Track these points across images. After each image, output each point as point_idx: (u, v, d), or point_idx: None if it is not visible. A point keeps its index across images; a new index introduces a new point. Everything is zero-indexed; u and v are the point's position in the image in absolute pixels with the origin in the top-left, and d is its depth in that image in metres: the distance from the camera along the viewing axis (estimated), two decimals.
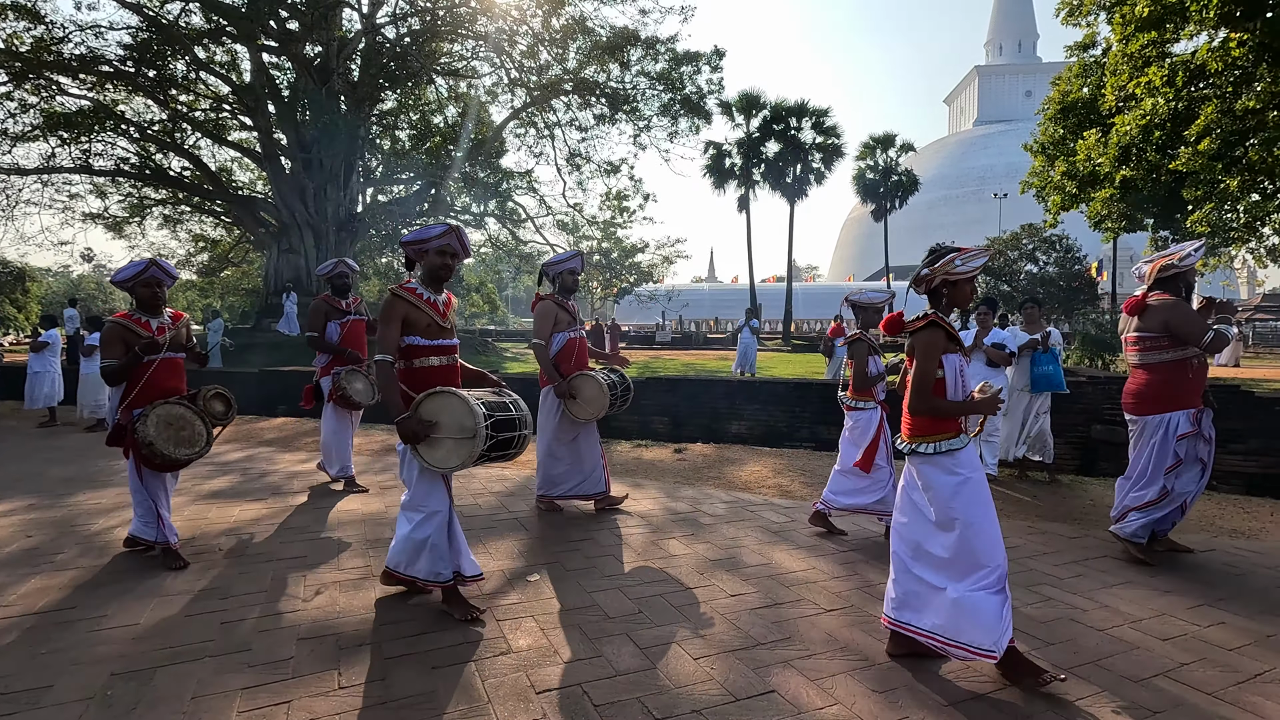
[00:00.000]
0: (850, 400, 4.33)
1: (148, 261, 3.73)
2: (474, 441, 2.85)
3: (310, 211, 19.91)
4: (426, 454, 2.95)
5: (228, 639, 2.81)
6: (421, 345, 3.10)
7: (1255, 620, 3.06)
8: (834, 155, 33.46)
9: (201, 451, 3.72)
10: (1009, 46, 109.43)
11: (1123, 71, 14.29)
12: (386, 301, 3.06)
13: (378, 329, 3.06)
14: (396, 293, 3.07)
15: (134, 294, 3.76)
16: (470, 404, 2.87)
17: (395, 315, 3.05)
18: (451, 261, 3.15)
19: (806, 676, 2.52)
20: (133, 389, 3.64)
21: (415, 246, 3.12)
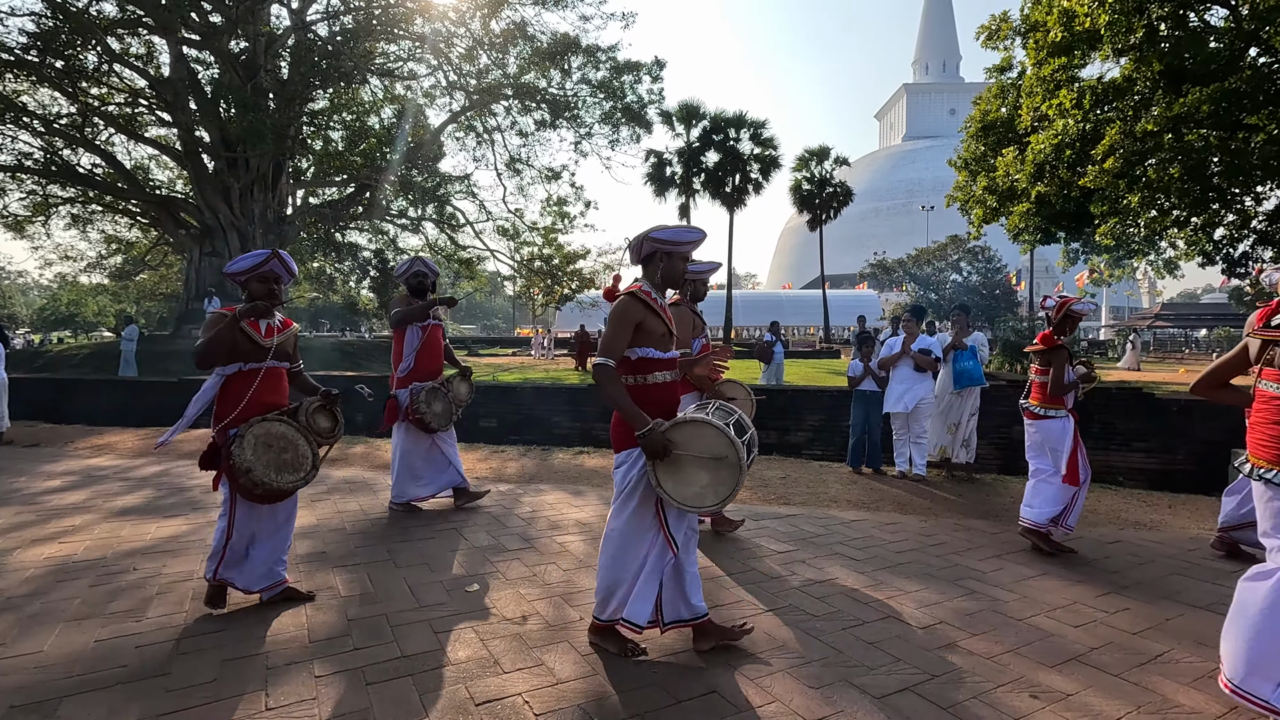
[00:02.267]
0: (1037, 408, 4.24)
1: (269, 252, 3.20)
2: (736, 475, 2.51)
3: (235, 213, 19.05)
4: (676, 492, 2.55)
5: (143, 664, 2.65)
6: (655, 359, 2.72)
7: (1156, 605, 3.29)
8: (771, 166, 34.30)
9: (307, 477, 3.16)
10: (934, 66, 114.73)
11: (1037, 93, 15.21)
12: (623, 304, 2.68)
13: (604, 332, 2.70)
14: (636, 295, 2.70)
15: (247, 289, 3.23)
16: (727, 433, 2.51)
17: (630, 320, 2.66)
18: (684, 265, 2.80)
19: (746, 676, 2.57)
20: (231, 404, 3.12)
21: (668, 246, 2.74)
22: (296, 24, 18.98)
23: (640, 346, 2.70)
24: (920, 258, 30.54)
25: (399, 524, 4.63)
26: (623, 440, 2.72)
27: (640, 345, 2.70)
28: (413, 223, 24.65)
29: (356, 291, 32.58)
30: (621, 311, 2.67)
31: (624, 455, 2.73)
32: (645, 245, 2.77)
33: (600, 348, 2.68)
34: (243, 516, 3.17)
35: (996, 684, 2.52)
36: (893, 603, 3.30)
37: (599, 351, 2.67)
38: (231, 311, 3.11)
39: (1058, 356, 4.15)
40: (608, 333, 2.68)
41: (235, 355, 3.12)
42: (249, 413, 3.12)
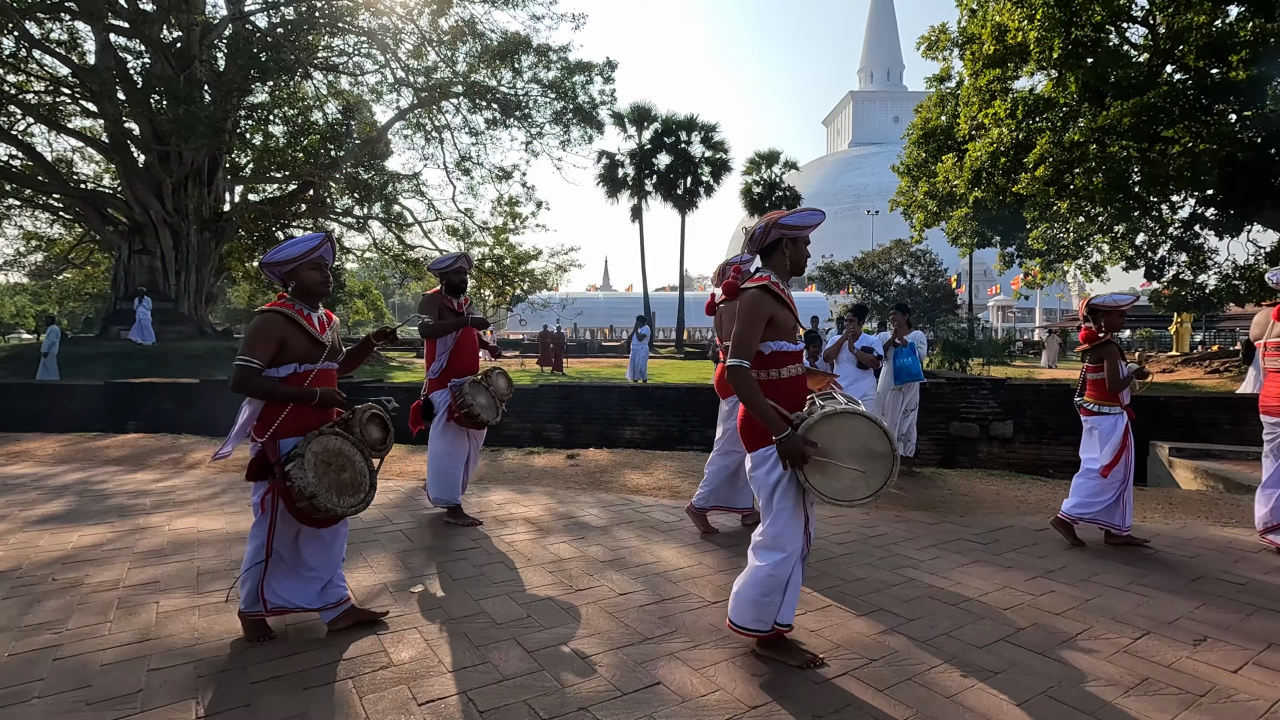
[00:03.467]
0: (1092, 404, 4.25)
1: (323, 236, 2.84)
2: (888, 466, 2.47)
3: (168, 209, 18.21)
4: (825, 487, 2.48)
5: (62, 677, 2.52)
6: (788, 352, 2.60)
7: (1078, 588, 3.47)
8: (722, 169, 34.72)
9: (366, 499, 2.82)
10: (879, 75, 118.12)
11: (973, 103, 15.83)
12: (755, 298, 2.54)
13: (736, 330, 2.53)
14: (767, 288, 2.57)
15: (297, 277, 2.82)
16: (878, 423, 2.50)
17: (764, 314, 2.53)
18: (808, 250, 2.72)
19: (691, 666, 2.60)
20: (282, 409, 2.74)
21: (794, 231, 2.63)
22: (234, 14, 18.30)
23: (773, 340, 2.57)
24: (866, 261, 31.44)
25: None
26: (761, 437, 2.56)
27: (773, 339, 2.57)
28: (359, 221, 24.02)
29: None
30: (754, 306, 2.53)
31: (762, 454, 2.58)
32: (772, 232, 2.63)
33: (734, 347, 2.52)
34: (284, 533, 2.82)
35: (930, 666, 2.62)
36: (834, 592, 3.39)
37: (733, 352, 2.53)
38: (290, 309, 2.76)
39: (1109, 352, 4.13)
40: (740, 330, 2.53)
41: (288, 355, 2.75)
42: (302, 420, 2.76)
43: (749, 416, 2.60)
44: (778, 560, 2.55)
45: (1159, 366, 17.64)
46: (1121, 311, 4.24)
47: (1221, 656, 2.72)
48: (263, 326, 2.70)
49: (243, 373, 2.66)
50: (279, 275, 2.84)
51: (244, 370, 2.66)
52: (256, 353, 2.67)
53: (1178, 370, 16.92)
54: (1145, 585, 3.51)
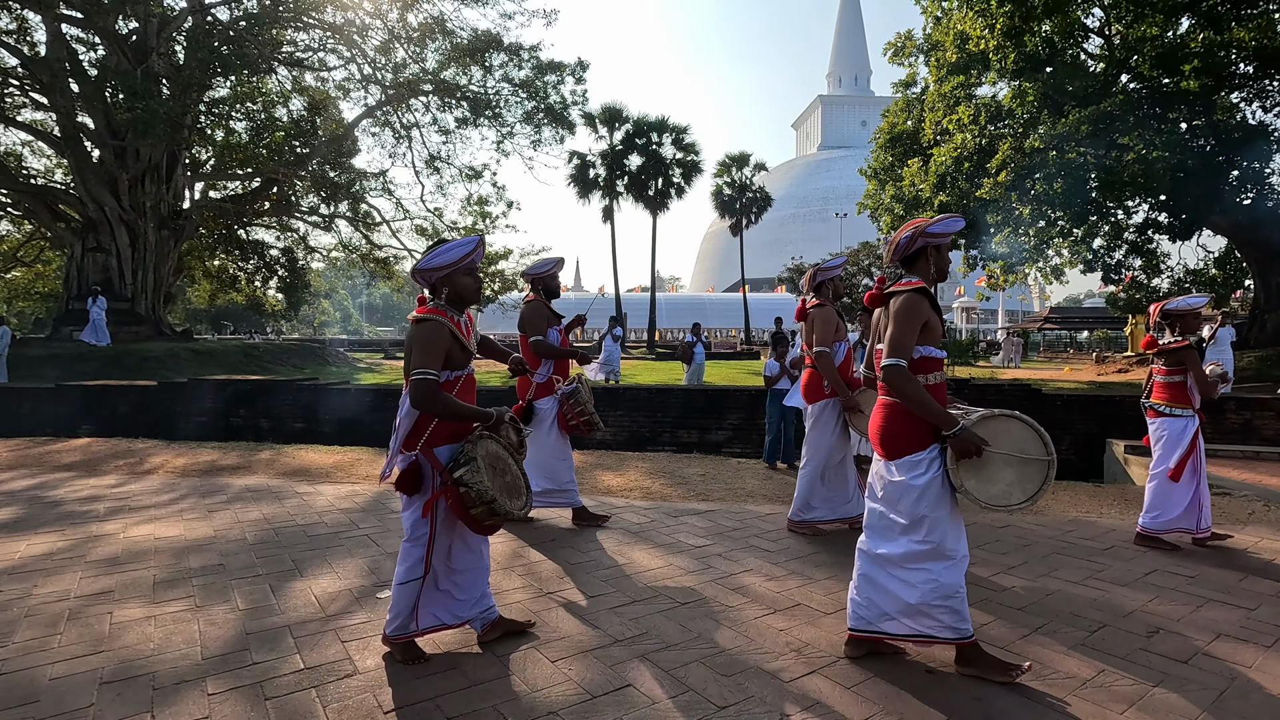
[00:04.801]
0: (1163, 406, 4.20)
1: (477, 240, 2.71)
2: (1044, 471, 2.47)
3: (124, 206, 17.65)
4: (980, 491, 2.47)
5: (8, 692, 2.42)
6: (935, 358, 2.57)
7: (1038, 582, 3.57)
8: (693, 171, 34.87)
9: (528, 503, 2.74)
10: (847, 79, 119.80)
11: (938, 108, 16.16)
12: (914, 301, 2.51)
13: (893, 332, 2.49)
14: (925, 290, 2.54)
15: (452, 283, 2.69)
16: (1035, 427, 2.50)
17: (921, 317, 2.50)
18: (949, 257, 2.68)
19: (661, 668, 2.60)
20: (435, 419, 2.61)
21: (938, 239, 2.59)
22: (194, 6, 17.84)
23: (922, 345, 2.54)
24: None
25: (305, 533, 4.42)
26: (908, 443, 2.52)
27: (922, 344, 2.54)
28: (325, 220, 23.59)
29: (262, 292, 30.83)
30: (913, 308, 2.50)
31: (911, 459, 2.51)
32: (918, 240, 2.61)
33: (891, 348, 2.49)
34: (440, 546, 2.67)
35: (898, 662, 2.66)
36: (803, 591, 3.42)
37: (890, 352, 2.48)
38: (445, 316, 2.62)
39: (1189, 356, 4.09)
40: (897, 332, 2.49)
41: (445, 363, 2.63)
42: (452, 426, 2.64)
43: (893, 421, 2.56)
44: (946, 567, 2.48)
45: (1115, 366, 18.20)
46: (1197, 314, 4.17)
47: (1174, 648, 2.81)
48: (434, 335, 2.56)
49: (426, 386, 2.49)
50: (430, 281, 2.70)
51: (426, 383, 2.49)
52: (432, 363, 2.53)
53: (1133, 370, 17.47)
54: (1102, 580, 3.61)
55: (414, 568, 2.62)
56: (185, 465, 6.71)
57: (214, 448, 7.71)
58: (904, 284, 2.61)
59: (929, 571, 2.49)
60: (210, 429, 9.69)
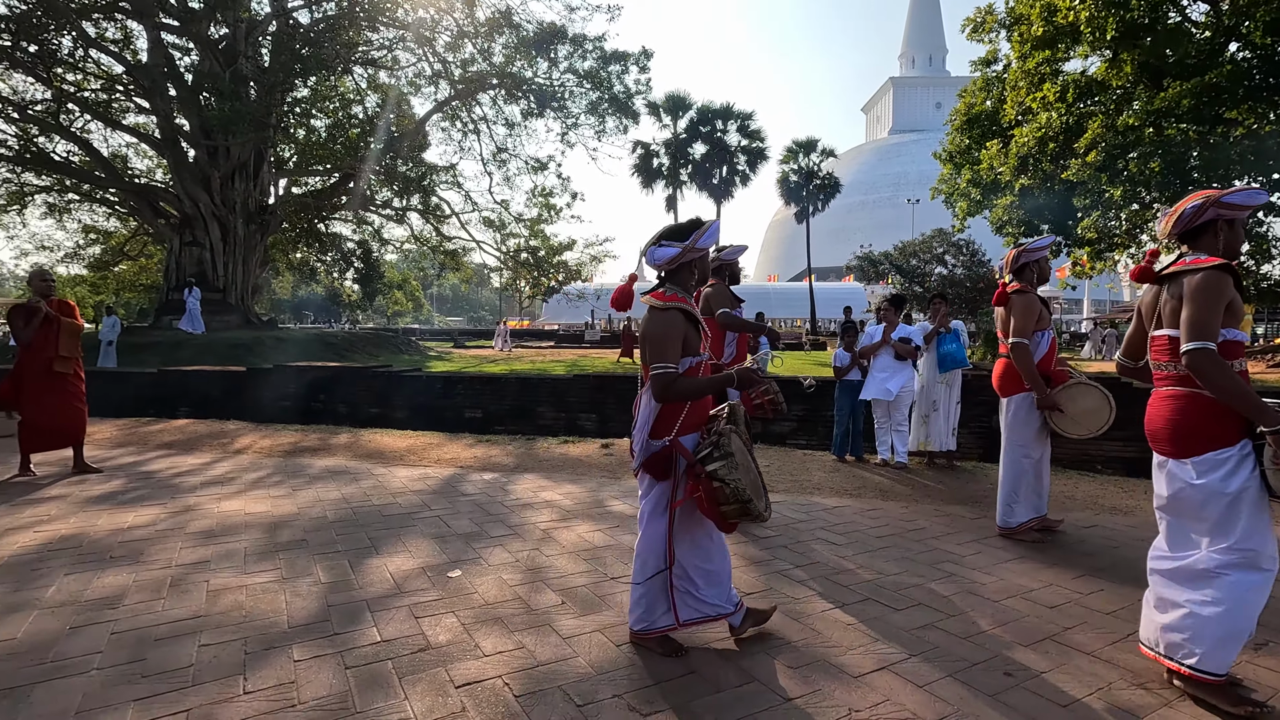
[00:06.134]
0: None
1: (718, 223, 2.66)
2: None
3: (216, 202, 18.80)
4: None
5: (119, 650, 2.63)
6: (1241, 342, 2.32)
7: (1129, 586, 3.35)
8: (758, 158, 34.35)
9: (769, 505, 2.61)
10: (921, 60, 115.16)
11: (1021, 87, 15.30)
12: (1218, 279, 2.24)
13: (1193, 314, 2.23)
14: (1228, 267, 2.27)
15: (700, 267, 2.66)
16: None
17: (1224, 296, 2.25)
18: None
19: (724, 657, 2.59)
20: (684, 407, 2.53)
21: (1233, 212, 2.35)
22: (277, 10, 18.71)
23: (1227, 328, 2.25)
24: (906, 250, 30.81)
25: (381, 513, 4.61)
26: (1211, 438, 2.25)
27: (1227, 326, 2.25)
28: (398, 213, 24.43)
29: (340, 283, 32.27)
30: (1217, 285, 2.23)
31: (1214, 458, 2.24)
32: (1208, 212, 2.34)
33: (1194, 330, 2.22)
34: (680, 538, 2.58)
35: (972, 662, 2.55)
36: (872, 585, 3.33)
37: (1195, 335, 2.21)
38: (684, 303, 2.55)
39: None
40: (1198, 313, 2.22)
41: (684, 350, 2.54)
42: (699, 415, 2.59)
43: (1190, 413, 2.29)
44: (1257, 582, 2.20)
45: None
46: None
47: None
48: (671, 326, 2.48)
49: (666, 379, 2.41)
50: (677, 265, 2.60)
51: (667, 377, 2.42)
52: (671, 356, 2.45)
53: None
54: None
55: (654, 561, 2.55)
56: (271, 446, 7.10)
57: (296, 430, 8.13)
58: (1198, 260, 2.31)
59: (1240, 585, 2.20)
60: (293, 412, 10.23)
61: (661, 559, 2.54)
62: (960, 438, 6.69)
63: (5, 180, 20.72)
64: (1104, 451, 8.01)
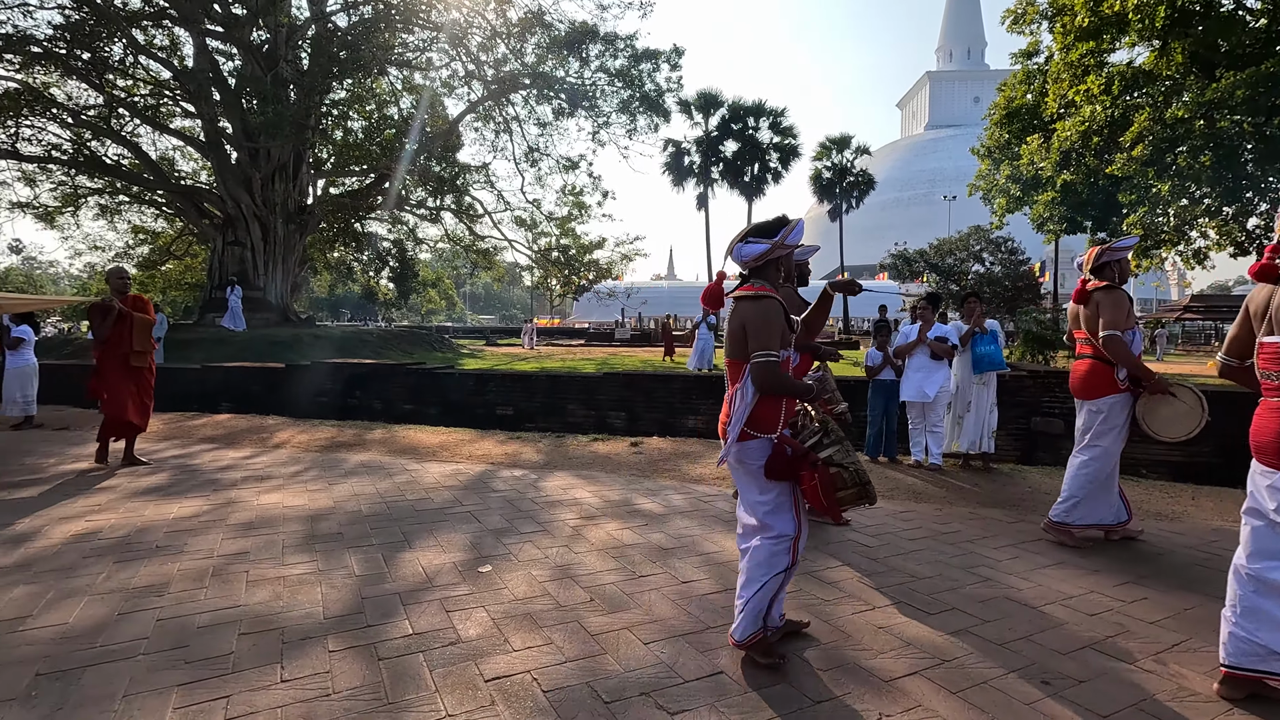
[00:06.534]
0: None
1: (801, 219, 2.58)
2: None
3: (257, 203, 19.30)
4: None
5: (163, 636, 2.72)
6: None
7: (1174, 595, 3.24)
8: (791, 155, 34.01)
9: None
10: (959, 53, 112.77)
11: (1063, 79, 14.88)
12: None
13: None
14: None
15: (787, 263, 2.63)
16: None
17: None
18: None
19: (754, 658, 2.57)
20: (782, 403, 2.50)
21: None
22: (316, 14, 19.11)
23: None
24: (942, 248, 30.19)
25: (414, 508, 4.69)
26: None
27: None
28: (432, 213, 24.80)
29: (375, 281, 32.88)
30: None
31: None
32: None
33: None
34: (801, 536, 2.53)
35: (1009, 669, 2.50)
36: (904, 588, 3.28)
37: None
38: (776, 295, 2.49)
39: None
40: None
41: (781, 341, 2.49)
42: (789, 410, 2.55)
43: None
44: None
45: None
46: None
47: None
48: (772, 314, 2.43)
49: (771, 367, 2.36)
50: (764, 260, 2.54)
51: (771, 364, 2.36)
52: (774, 343, 2.39)
53: None
54: None
55: (775, 560, 2.48)
56: (308, 441, 7.27)
57: (333, 425, 8.31)
58: None
59: None
60: (329, 408, 10.45)
61: (782, 558, 2.48)
62: (997, 439, 6.54)
63: (61, 183, 21.58)
64: (1149, 456, 7.76)
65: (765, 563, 2.49)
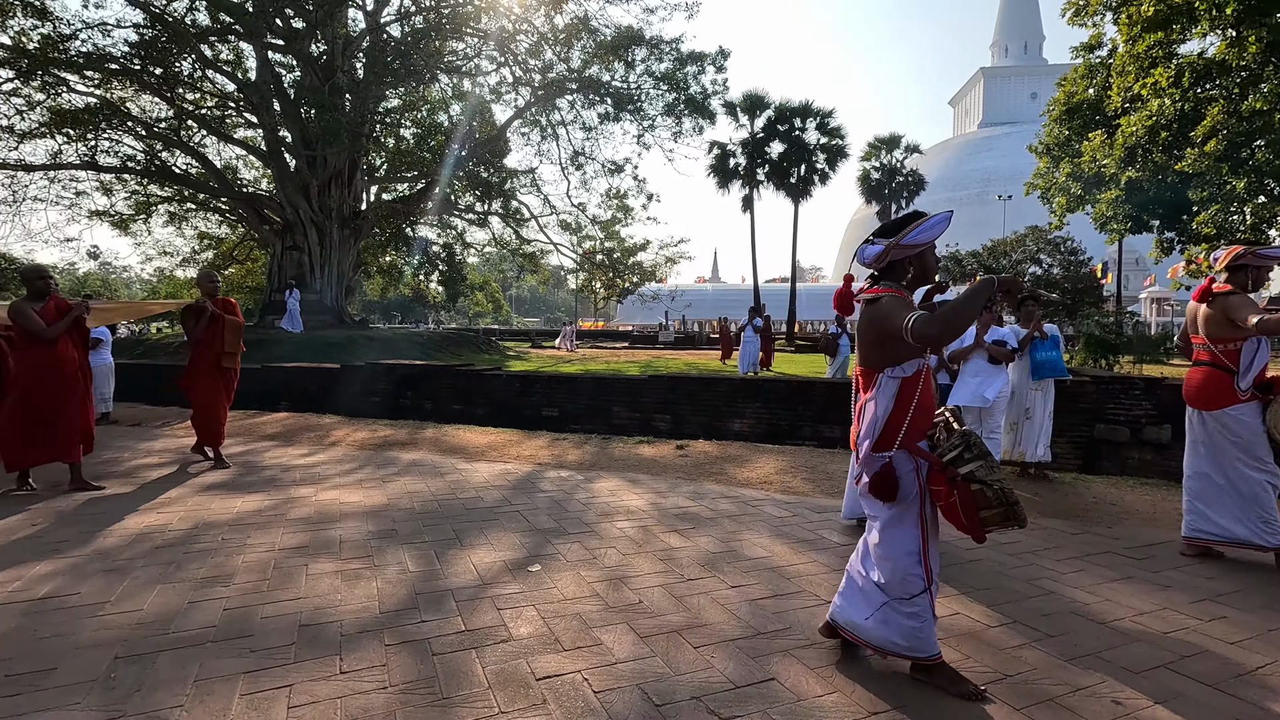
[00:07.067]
0: None
1: (949, 214, 2.45)
2: None
3: (314, 209, 19.99)
4: None
5: (230, 625, 2.83)
6: None
7: (1257, 615, 3.06)
8: (838, 156, 33.49)
9: None
10: (1015, 48, 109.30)
11: (1129, 72, 14.27)
12: None
13: None
14: None
15: (922, 261, 2.41)
16: None
17: None
18: None
19: (806, 665, 2.53)
20: (906, 416, 2.33)
21: None
22: (371, 25, 19.70)
23: None
24: (996, 249, 29.26)
25: (464, 506, 4.77)
26: None
27: None
28: (480, 217, 25.26)
29: (425, 284, 33.67)
30: None
31: None
32: None
33: None
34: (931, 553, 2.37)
35: (1074, 688, 2.39)
36: (961, 600, 3.18)
37: None
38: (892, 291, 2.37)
39: None
40: None
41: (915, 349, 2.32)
42: (922, 421, 2.36)
43: None
44: None
45: None
46: None
47: None
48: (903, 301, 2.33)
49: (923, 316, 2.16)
50: (896, 259, 2.41)
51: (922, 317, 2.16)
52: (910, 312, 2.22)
53: None
54: None
55: (906, 583, 2.34)
56: (363, 440, 7.48)
57: (386, 425, 8.53)
58: None
59: None
60: (381, 407, 10.73)
61: (921, 578, 2.33)
62: (1057, 448, 6.30)
63: (134, 192, 22.77)
64: None
65: (891, 582, 2.37)
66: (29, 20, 16.43)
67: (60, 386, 5.07)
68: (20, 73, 16.55)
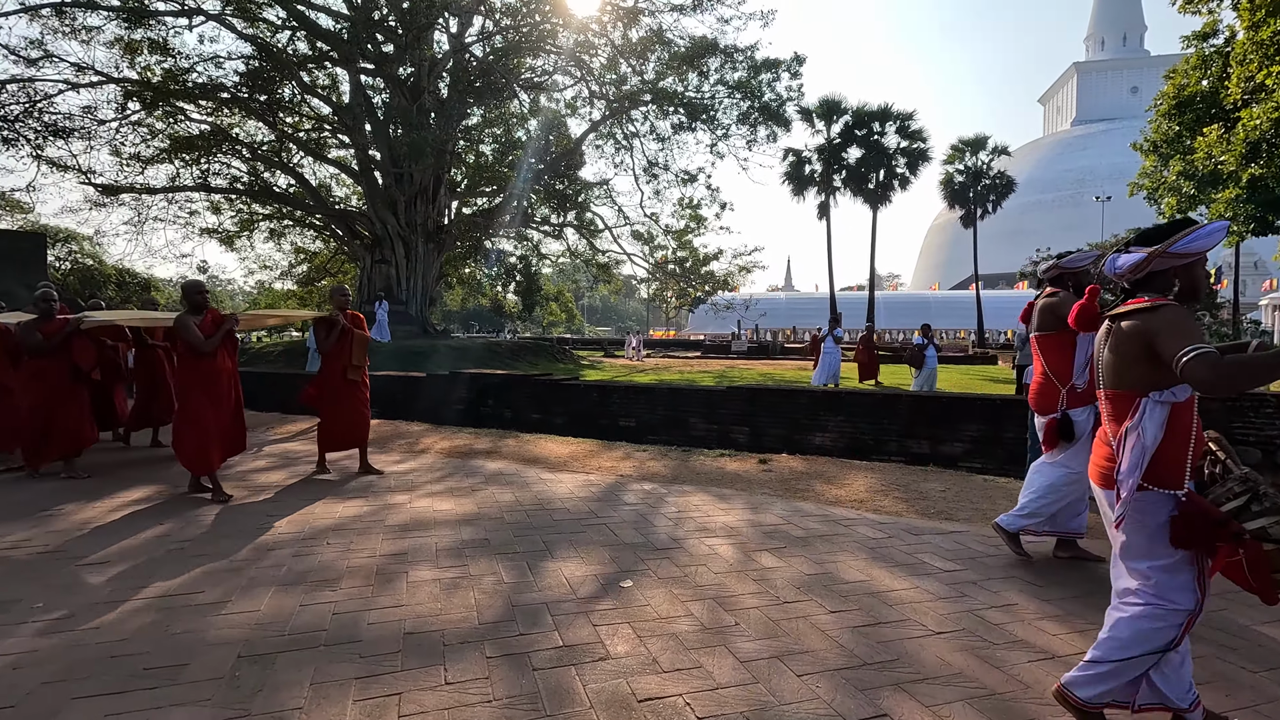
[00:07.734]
0: None
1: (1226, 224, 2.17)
2: None
3: (401, 223, 20.90)
4: None
5: (339, 630, 2.93)
6: None
7: None
8: (919, 159, 32.39)
9: None
10: (1112, 40, 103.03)
11: (1251, 61, 13.15)
12: None
13: None
14: None
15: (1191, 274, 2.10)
16: None
17: None
18: None
19: (920, 701, 2.39)
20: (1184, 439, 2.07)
21: None
22: (455, 47, 20.49)
23: None
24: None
25: (551, 517, 4.81)
26: None
27: None
28: (554, 229, 25.77)
29: (503, 296, 34.64)
30: None
31: None
32: None
33: None
34: None
35: None
36: (1085, 637, 2.94)
37: None
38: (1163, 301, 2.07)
39: None
40: None
41: None
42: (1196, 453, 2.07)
43: None
44: None
45: None
46: None
47: None
48: (1184, 314, 1.99)
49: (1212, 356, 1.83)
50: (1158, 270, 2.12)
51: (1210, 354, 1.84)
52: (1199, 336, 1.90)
53: None
54: None
55: (1152, 635, 2.05)
56: (449, 448, 7.70)
57: (470, 433, 8.76)
58: None
59: None
60: (464, 415, 11.05)
61: (1162, 634, 2.04)
62: None
63: (239, 210, 24.49)
64: None
65: (1133, 634, 2.07)
66: (154, 56, 17.98)
67: (218, 395, 5.43)
68: (145, 104, 18.12)
